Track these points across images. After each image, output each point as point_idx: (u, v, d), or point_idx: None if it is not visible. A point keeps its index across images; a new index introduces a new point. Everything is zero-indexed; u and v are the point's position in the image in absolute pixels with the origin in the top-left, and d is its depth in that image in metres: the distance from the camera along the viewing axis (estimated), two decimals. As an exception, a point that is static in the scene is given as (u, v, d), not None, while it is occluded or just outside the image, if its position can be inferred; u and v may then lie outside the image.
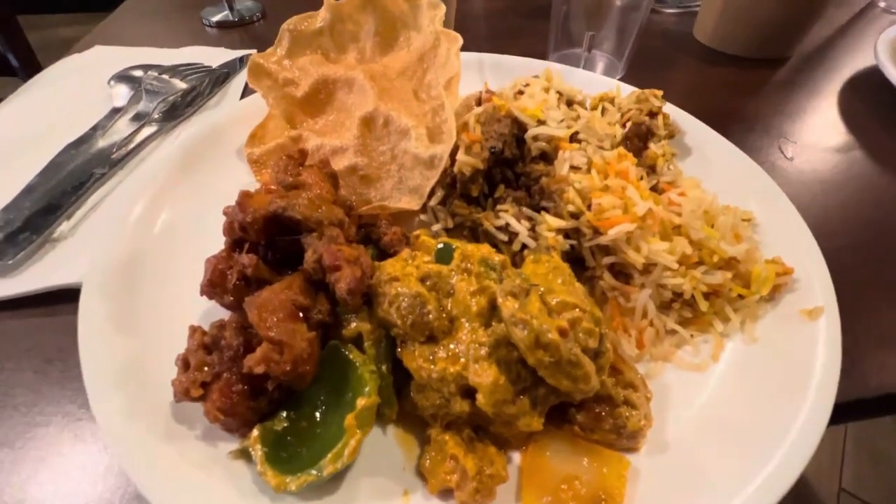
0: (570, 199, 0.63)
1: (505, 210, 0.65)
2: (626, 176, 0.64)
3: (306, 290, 0.53)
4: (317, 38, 0.85)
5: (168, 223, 0.74)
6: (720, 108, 1.16)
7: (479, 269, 0.51)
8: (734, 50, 1.34)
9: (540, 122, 0.71)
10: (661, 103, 0.87)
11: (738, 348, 0.59)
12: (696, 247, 0.62)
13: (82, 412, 0.57)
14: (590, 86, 1.03)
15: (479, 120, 0.69)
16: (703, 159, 0.86)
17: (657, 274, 0.60)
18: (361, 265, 0.54)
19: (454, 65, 0.71)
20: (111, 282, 0.62)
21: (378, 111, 0.74)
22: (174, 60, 1.24)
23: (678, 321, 0.61)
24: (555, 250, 0.59)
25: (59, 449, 0.54)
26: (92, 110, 1.05)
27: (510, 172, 0.71)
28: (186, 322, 0.57)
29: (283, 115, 0.84)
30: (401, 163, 0.74)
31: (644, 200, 0.62)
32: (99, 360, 0.53)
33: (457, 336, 0.48)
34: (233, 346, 0.49)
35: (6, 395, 0.59)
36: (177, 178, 0.80)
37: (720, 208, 0.66)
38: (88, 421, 0.56)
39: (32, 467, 0.53)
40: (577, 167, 0.67)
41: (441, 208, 0.69)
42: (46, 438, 0.55)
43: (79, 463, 0.53)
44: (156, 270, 0.66)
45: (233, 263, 0.55)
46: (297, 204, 0.55)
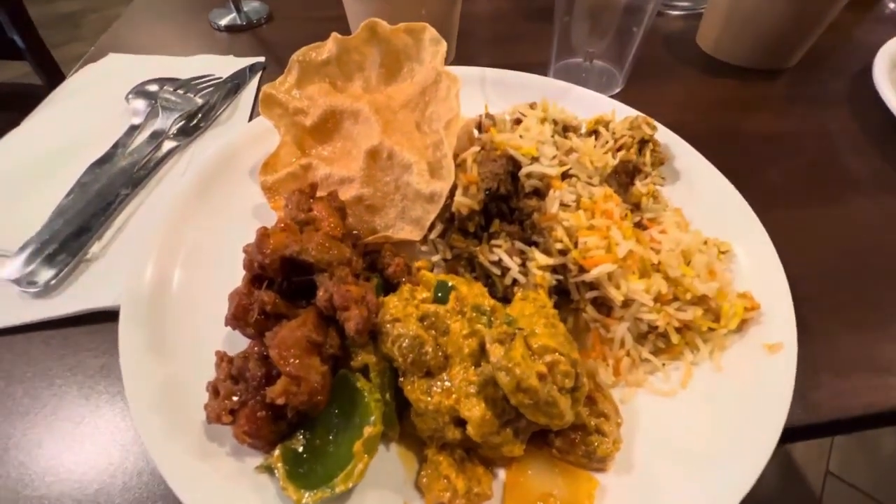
0: (558, 237, 0.69)
1: (499, 245, 0.71)
2: (610, 216, 0.70)
3: (319, 326, 0.61)
4: (324, 67, 0.89)
5: (191, 248, 0.80)
6: (717, 123, 1.19)
7: (471, 313, 0.57)
8: (737, 60, 1.35)
9: (533, 159, 0.76)
10: (652, 131, 0.91)
11: (705, 376, 0.66)
12: (672, 284, 0.68)
13: (126, 424, 0.65)
14: (587, 105, 1.07)
15: (476, 160, 0.74)
16: (689, 186, 0.91)
17: (635, 309, 0.66)
18: (368, 304, 0.61)
19: (454, 106, 0.75)
20: (144, 311, 0.69)
21: (383, 145, 0.79)
22: (185, 70, 1.28)
23: (652, 350, 0.68)
24: (542, 287, 0.66)
25: (109, 458, 0.63)
26: (112, 124, 1.10)
27: (505, 206, 0.76)
28: (214, 346, 0.65)
29: (293, 141, 0.89)
30: (403, 193, 0.80)
31: (626, 240, 0.68)
32: (139, 386, 0.61)
33: (451, 373, 0.55)
34: (256, 377, 0.57)
35: (58, 408, 0.67)
36: (195, 203, 0.86)
37: (698, 244, 0.72)
38: (132, 432, 0.65)
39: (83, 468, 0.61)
40: (566, 204, 0.73)
41: (440, 241, 0.75)
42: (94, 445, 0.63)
43: (120, 465, 0.61)
44: (183, 297, 0.73)
45: (253, 300, 0.62)
46: (310, 248, 0.62)
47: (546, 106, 0.89)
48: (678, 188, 0.91)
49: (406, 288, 0.65)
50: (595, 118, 0.97)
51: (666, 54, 1.44)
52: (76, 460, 0.62)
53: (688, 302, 0.67)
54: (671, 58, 1.42)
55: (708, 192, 0.88)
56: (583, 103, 1.07)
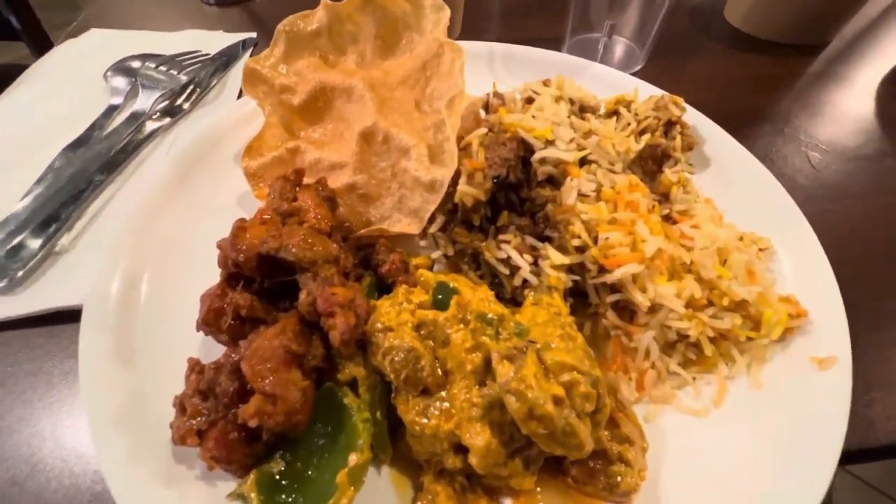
0: (575, 232, 0.61)
1: (507, 241, 0.63)
2: (636, 208, 0.61)
3: (300, 334, 0.53)
4: (314, 39, 0.80)
5: (166, 241, 0.73)
6: (747, 104, 1.08)
7: (475, 323, 0.49)
8: (768, 35, 1.24)
9: (548, 143, 0.66)
10: (680, 112, 0.81)
11: (742, 393, 0.57)
12: (706, 286, 0.59)
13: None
14: (606, 83, 0.97)
15: (482, 143, 0.65)
16: (721, 173, 0.81)
17: (662, 315, 0.58)
18: (356, 309, 0.53)
19: (457, 82, 0.66)
20: (110, 312, 0.62)
21: (377, 126, 0.71)
22: (171, 46, 1.19)
23: (681, 362, 0.60)
24: (556, 291, 0.57)
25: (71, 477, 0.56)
26: (89, 104, 1.02)
27: (515, 196, 0.68)
28: (188, 352, 0.58)
29: (280, 123, 0.81)
30: (401, 181, 0.71)
31: (654, 236, 0.59)
32: (100, 399, 0.54)
33: (451, 391, 0.47)
34: (227, 393, 0.50)
35: (21, 419, 0.61)
36: (174, 191, 0.78)
37: (735, 240, 0.63)
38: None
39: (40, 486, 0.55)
40: (584, 195, 0.64)
41: (441, 235, 0.67)
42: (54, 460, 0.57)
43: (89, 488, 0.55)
44: (155, 296, 0.66)
45: (228, 302, 0.55)
46: (290, 245, 0.54)
47: (562, 83, 0.80)
48: (708, 176, 0.81)
49: (401, 290, 0.57)
50: (615, 98, 0.88)
51: (690, 28, 1.32)
52: (36, 480, 0.56)
53: (724, 308, 0.58)
54: (696, 32, 1.31)
55: (742, 180, 0.79)
56: (601, 81, 0.97)
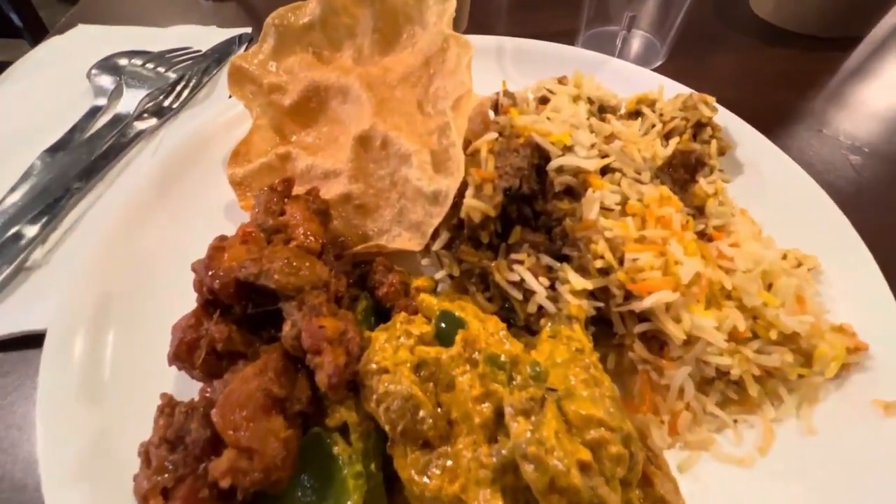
0: (598, 252, 0.53)
1: (520, 260, 0.55)
2: (668, 224, 0.54)
3: (284, 373, 0.46)
4: (307, 33, 0.73)
5: (144, 257, 0.66)
6: (778, 102, 1.00)
7: (485, 367, 0.42)
8: (799, 27, 1.15)
9: (565, 149, 0.59)
10: (711, 113, 0.73)
11: (791, 440, 0.50)
12: (749, 315, 0.52)
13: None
14: (625, 80, 0.89)
15: (492, 150, 0.57)
16: (757, 181, 0.73)
17: (700, 349, 0.50)
18: (347, 344, 0.46)
19: (465, 80, 0.59)
20: (76, 341, 0.55)
21: (375, 130, 0.63)
22: (162, 43, 1.12)
23: (719, 401, 0.52)
24: (578, 321, 0.50)
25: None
26: (72, 105, 0.96)
27: (528, 209, 0.60)
28: (162, 384, 0.52)
29: (270, 125, 0.74)
30: (401, 191, 0.64)
31: (689, 257, 0.51)
32: (59, 447, 0.48)
33: (455, 446, 0.40)
34: (199, 443, 0.43)
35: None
36: (154, 202, 0.72)
37: (779, 260, 0.55)
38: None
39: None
40: (608, 208, 0.56)
41: (446, 253, 0.59)
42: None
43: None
44: (128, 321, 0.60)
45: (203, 333, 0.48)
46: (272, 270, 0.47)
47: (580, 80, 0.72)
48: (742, 184, 0.73)
49: (400, 318, 0.50)
50: (637, 96, 0.80)
51: (714, 20, 1.23)
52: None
53: (771, 341, 0.50)
54: (720, 24, 1.22)
55: (782, 189, 0.71)
56: (620, 78, 0.89)
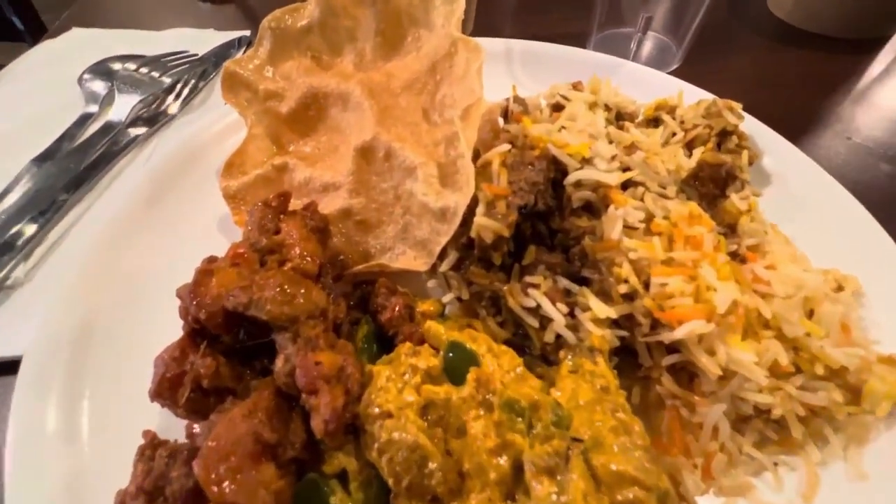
0: (622, 276, 0.48)
1: (536, 284, 0.51)
2: (698, 245, 0.49)
3: (276, 413, 0.41)
4: (305, 37, 0.68)
5: (131, 277, 0.62)
6: (802, 107, 0.95)
7: (501, 414, 0.37)
8: (819, 28, 1.10)
9: (584, 161, 0.54)
10: (738, 120, 0.68)
11: (839, 486, 0.45)
12: (789, 345, 0.47)
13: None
14: (642, 85, 0.84)
15: (504, 163, 0.53)
16: (786, 193, 0.68)
17: (736, 384, 0.46)
18: (346, 381, 0.42)
19: (474, 87, 0.54)
20: (54, 370, 0.51)
21: (378, 140, 0.59)
22: (158, 46, 1.09)
23: (756, 441, 0.47)
24: (601, 353, 0.45)
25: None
26: (64, 111, 0.92)
27: (543, 227, 0.55)
28: (146, 419, 0.47)
29: (266, 134, 0.69)
30: (406, 206, 0.60)
31: (723, 282, 0.46)
32: (27, 490, 0.43)
33: (468, 503, 0.36)
34: (180, 496, 0.38)
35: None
36: (143, 216, 0.68)
37: (822, 285, 0.50)
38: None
39: None
40: (631, 226, 0.51)
41: (454, 275, 0.55)
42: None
43: None
44: (111, 347, 0.55)
45: (187, 368, 0.44)
46: (264, 299, 0.42)
47: (596, 86, 0.67)
48: (770, 197, 0.68)
49: (404, 349, 0.46)
50: (656, 102, 0.75)
51: (730, 20, 1.18)
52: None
53: (816, 376, 0.46)
54: (737, 24, 1.17)
55: (814, 202, 0.66)
56: (635, 83, 0.84)
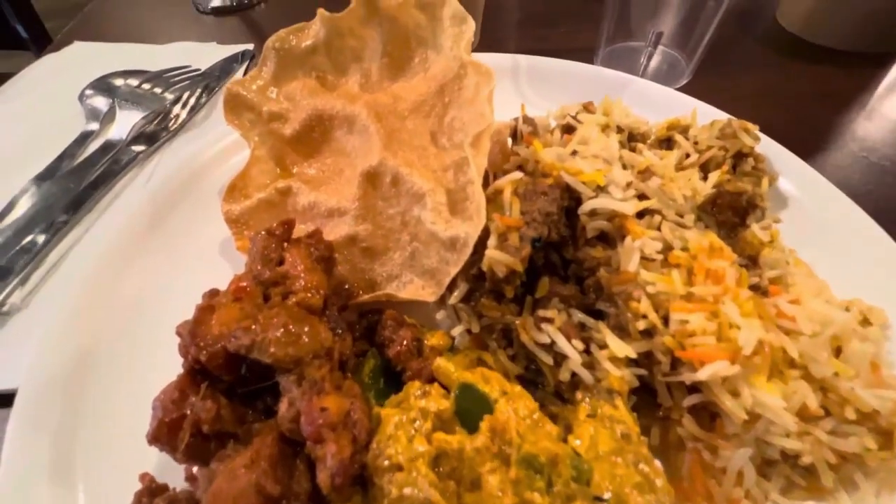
0: (640, 311, 0.46)
1: (549, 318, 0.49)
2: (719, 279, 0.47)
3: (279, 463, 0.39)
4: (309, 57, 0.67)
5: (130, 305, 0.60)
6: (816, 124, 0.93)
7: (518, 471, 0.35)
8: (831, 42, 1.08)
9: (598, 188, 0.52)
10: (754, 142, 0.66)
11: (871, 536, 0.43)
12: (817, 385, 0.45)
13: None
14: (652, 102, 0.83)
15: (517, 191, 0.51)
16: (804, 217, 0.66)
17: (762, 428, 0.43)
18: (353, 428, 0.40)
19: (485, 113, 0.52)
20: (47, 411, 0.49)
21: (385, 166, 0.57)
22: (160, 60, 1.08)
23: (783, 487, 0.45)
24: (620, 396, 0.43)
25: None
26: (65, 127, 0.91)
27: (556, 256, 0.54)
28: (145, 460, 0.46)
29: (269, 156, 0.68)
30: (413, 232, 0.58)
31: (747, 319, 0.44)
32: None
33: (484, 565, 0.34)
34: (178, 552, 0.36)
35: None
36: (144, 241, 0.66)
37: (850, 321, 0.48)
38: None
39: None
40: (648, 257, 0.50)
41: (464, 307, 0.53)
42: None
43: None
44: (110, 381, 0.53)
45: (186, 411, 0.42)
46: (267, 341, 0.40)
47: (609, 108, 0.65)
48: (786, 220, 0.66)
49: (414, 390, 0.44)
50: (668, 122, 0.73)
51: (739, 34, 1.17)
52: None
53: (847, 420, 0.43)
54: (747, 38, 1.15)
55: (832, 226, 0.64)
56: (646, 101, 0.83)
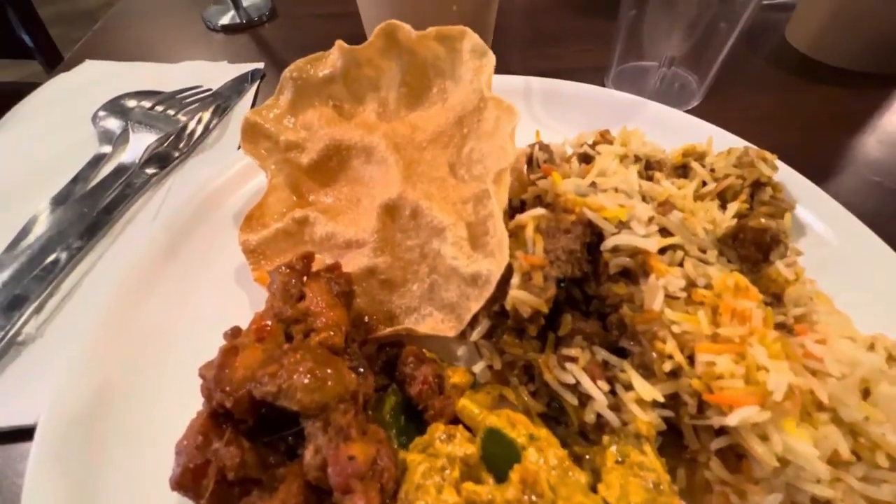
0: (666, 351, 0.46)
1: (573, 357, 0.48)
2: (746, 320, 0.46)
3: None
4: (327, 86, 0.67)
5: (149, 336, 0.60)
6: (827, 148, 0.92)
7: (552, 528, 0.35)
8: (842, 62, 1.08)
9: (621, 224, 0.52)
10: (771, 171, 0.66)
11: (905, 585, 0.42)
12: (846, 429, 0.44)
13: None
14: (664, 126, 0.83)
15: (539, 227, 0.51)
16: (820, 244, 0.66)
17: (792, 473, 0.43)
18: (380, 476, 0.39)
19: (507, 150, 0.52)
20: (69, 447, 0.49)
21: (404, 199, 0.57)
22: (171, 79, 1.08)
23: (814, 532, 0.44)
24: (648, 441, 0.43)
25: None
26: (79, 149, 0.91)
27: (578, 292, 0.53)
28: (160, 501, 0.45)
29: (286, 183, 0.68)
30: (432, 265, 0.58)
31: (774, 361, 0.44)
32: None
33: None
34: None
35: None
36: (160, 270, 0.66)
37: (880, 363, 0.47)
38: None
39: None
40: (672, 295, 0.49)
41: (486, 343, 0.53)
42: None
43: None
44: (127, 423, 0.53)
45: (210, 456, 0.41)
46: (294, 387, 0.40)
47: (627, 139, 0.65)
48: (804, 250, 0.66)
49: (438, 433, 0.43)
50: (683, 149, 0.73)
51: (748, 53, 1.17)
52: None
53: (879, 466, 0.43)
54: (755, 58, 1.15)
55: (851, 257, 0.64)
56: (658, 124, 0.83)
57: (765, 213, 0.64)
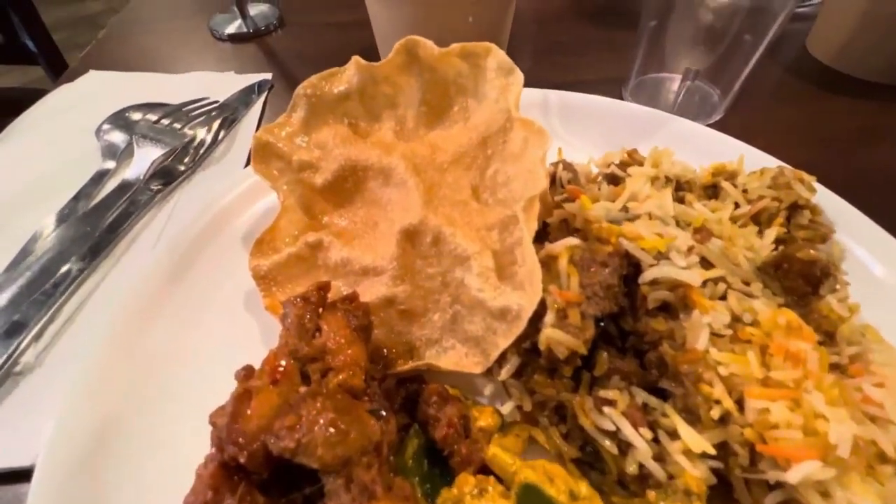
0: (713, 396, 0.42)
1: (611, 400, 0.45)
2: (800, 361, 0.43)
3: (327, 580, 0.36)
4: (341, 103, 0.64)
5: (152, 371, 0.56)
6: (859, 166, 0.88)
7: None
8: (867, 74, 1.05)
9: (659, 254, 0.49)
10: (810, 193, 0.63)
11: None
12: (912, 483, 0.41)
13: None
14: (689, 142, 0.79)
15: (573, 260, 0.47)
16: (861, 270, 0.62)
17: (855, 533, 0.39)
18: (410, 541, 0.36)
19: (539, 177, 0.49)
20: (68, 495, 0.45)
21: (426, 225, 0.54)
22: (176, 90, 1.05)
23: None
24: (699, 499, 0.39)
25: None
26: (81, 164, 0.88)
27: (613, 326, 0.50)
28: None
29: (298, 204, 0.64)
30: (454, 294, 0.54)
31: (832, 408, 0.40)
32: None
33: None
34: None
35: None
36: (164, 297, 0.62)
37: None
38: None
39: None
40: (717, 333, 0.46)
41: (515, 383, 0.49)
42: None
43: None
44: (133, 463, 0.49)
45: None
46: (314, 442, 0.37)
47: (658, 159, 0.62)
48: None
49: (468, 488, 0.40)
50: (713, 168, 0.69)
51: (769, 63, 1.13)
52: None
53: (950, 526, 0.39)
54: (778, 69, 1.12)
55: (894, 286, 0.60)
56: (683, 140, 0.79)
57: (804, 238, 0.60)
